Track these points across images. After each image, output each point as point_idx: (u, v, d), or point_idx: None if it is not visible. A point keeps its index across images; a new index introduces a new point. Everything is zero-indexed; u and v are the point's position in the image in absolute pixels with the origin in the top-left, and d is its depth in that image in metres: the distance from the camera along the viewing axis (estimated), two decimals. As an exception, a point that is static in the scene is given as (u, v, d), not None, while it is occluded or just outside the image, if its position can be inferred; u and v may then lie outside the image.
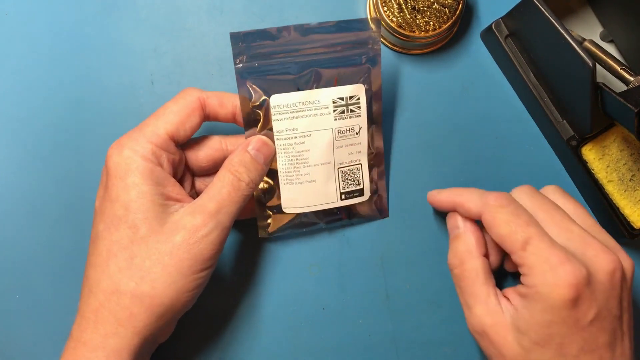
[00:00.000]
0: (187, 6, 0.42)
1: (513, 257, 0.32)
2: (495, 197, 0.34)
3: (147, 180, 0.32)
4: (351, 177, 0.38)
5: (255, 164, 0.35)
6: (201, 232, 0.32)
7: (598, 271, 0.31)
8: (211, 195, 0.33)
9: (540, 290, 0.31)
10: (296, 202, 0.38)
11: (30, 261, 0.40)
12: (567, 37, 0.34)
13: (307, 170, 0.37)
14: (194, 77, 0.42)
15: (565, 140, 0.39)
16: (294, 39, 0.35)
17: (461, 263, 0.35)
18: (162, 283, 0.32)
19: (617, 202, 0.39)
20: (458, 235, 0.36)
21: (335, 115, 0.37)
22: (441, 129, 0.42)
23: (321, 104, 0.36)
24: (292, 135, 0.37)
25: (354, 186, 0.39)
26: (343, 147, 0.38)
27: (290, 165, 0.37)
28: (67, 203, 0.41)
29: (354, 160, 0.38)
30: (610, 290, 0.31)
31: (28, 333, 0.40)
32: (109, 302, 0.32)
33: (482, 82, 0.42)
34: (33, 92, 0.41)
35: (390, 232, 0.41)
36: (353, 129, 0.37)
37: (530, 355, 0.31)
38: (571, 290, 0.30)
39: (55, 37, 0.41)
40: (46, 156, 0.41)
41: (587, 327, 0.31)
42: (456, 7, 0.39)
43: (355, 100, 0.37)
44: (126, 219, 0.32)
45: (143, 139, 0.33)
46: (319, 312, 0.41)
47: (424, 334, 0.41)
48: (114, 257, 0.32)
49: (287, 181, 0.37)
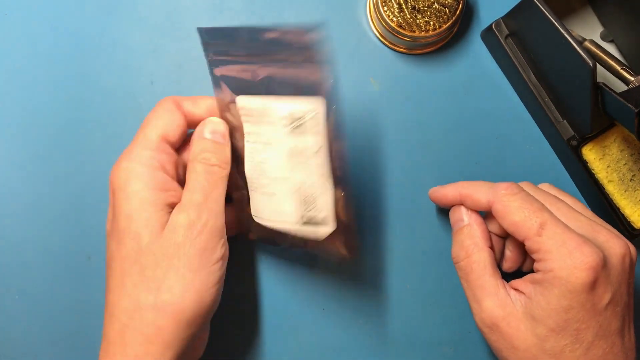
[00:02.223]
0: (187, 6, 0.42)
1: (527, 243, 0.32)
2: (505, 186, 0.34)
3: (148, 186, 0.32)
4: (312, 201, 0.33)
5: (215, 145, 0.34)
6: (199, 224, 0.32)
7: (612, 255, 0.31)
8: (192, 188, 0.33)
9: (558, 274, 0.30)
10: (260, 212, 0.36)
11: (30, 261, 0.40)
12: (568, 37, 0.34)
13: (268, 181, 0.34)
14: (193, 77, 0.42)
15: (566, 140, 0.39)
16: (255, 41, 0.32)
17: (467, 255, 0.34)
18: (179, 287, 0.31)
19: (618, 202, 0.39)
20: (463, 228, 0.35)
21: (291, 129, 0.33)
22: (441, 129, 0.42)
23: (277, 115, 0.33)
24: (257, 140, 0.34)
25: (315, 212, 0.34)
26: (303, 164, 0.33)
27: (253, 172, 0.35)
28: (67, 203, 0.41)
29: (316, 183, 0.33)
30: (622, 275, 0.32)
31: (28, 333, 0.40)
32: (133, 320, 0.31)
33: (482, 82, 0.42)
34: (33, 92, 0.41)
35: (390, 232, 0.41)
36: (312, 147, 0.33)
37: (546, 343, 0.31)
38: (590, 272, 0.30)
39: (55, 37, 0.41)
40: (46, 156, 0.41)
41: (602, 311, 0.31)
42: (456, 7, 0.39)
43: (314, 115, 0.32)
44: (129, 230, 0.32)
45: (137, 149, 0.33)
46: (319, 312, 0.41)
47: (424, 334, 0.41)
48: (127, 274, 0.31)
49: (252, 188, 0.35)
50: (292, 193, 0.34)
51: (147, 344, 0.30)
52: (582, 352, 0.31)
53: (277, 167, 0.34)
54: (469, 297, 0.34)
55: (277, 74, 0.32)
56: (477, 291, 0.34)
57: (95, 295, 0.40)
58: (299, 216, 0.34)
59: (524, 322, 0.32)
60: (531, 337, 0.31)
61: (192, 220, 0.32)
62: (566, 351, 0.31)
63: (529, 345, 0.31)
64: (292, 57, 0.31)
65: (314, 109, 0.32)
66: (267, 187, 0.34)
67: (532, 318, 0.31)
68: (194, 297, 0.31)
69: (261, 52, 0.32)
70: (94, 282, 0.40)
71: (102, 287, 0.40)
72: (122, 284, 0.31)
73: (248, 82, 0.33)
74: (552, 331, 0.31)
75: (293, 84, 0.32)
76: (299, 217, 0.34)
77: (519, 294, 0.33)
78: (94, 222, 0.40)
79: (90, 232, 0.40)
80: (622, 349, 0.32)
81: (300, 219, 0.34)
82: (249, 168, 0.35)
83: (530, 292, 0.32)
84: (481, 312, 0.33)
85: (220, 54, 0.34)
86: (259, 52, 0.32)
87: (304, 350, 0.41)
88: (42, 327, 0.40)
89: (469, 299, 0.34)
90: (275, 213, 0.35)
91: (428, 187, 0.39)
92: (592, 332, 0.31)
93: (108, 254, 0.33)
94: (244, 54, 0.33)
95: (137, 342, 0.31)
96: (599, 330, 0.31)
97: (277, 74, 0.32)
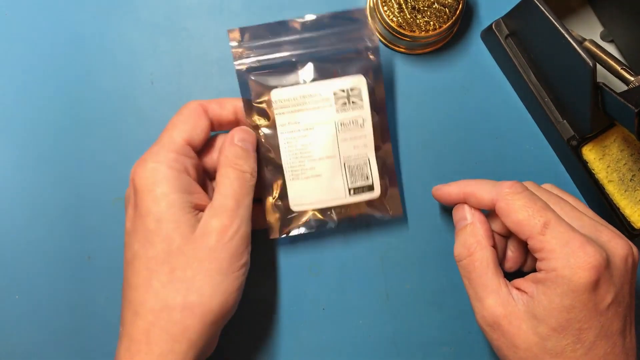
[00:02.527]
0: (187, 6, 0.42)
1: (531, 242, 0.32)
2: (509, 185, 0.34)
3: (175, 188, 0.33)
4: (359, 172, 0.37)
5: (246, 153, 0.35)
6: (231, 229, 0.33)
7: (614, 255, 0.31)
8: (224, 193, 0.34)
9: (561, 273, 0.30)
10: (304, 198, 0.38)
11: (30, 261, 0.40)
12: (568, 37, 0.34)
13: (312, 164, 0.37)
14: (194, 77, 0.42)
15: (566, 140, 0.39)
16: (291, 33, 0.36)
17: (470, 254, 0.34)
18: (208, 289, 0.32)
19: (618, 202, 0.39)
20: (466, 226, 0.35)
21: (337, 107, 0.37)
22: (441, 128, 0.42)
23: (322, 96, 0.37)
24: (295, 129, 0.37)
25: (363, 181, 0.38)
26: (348, 140, 0.37)
27: (294, 159, 0.37)
28: (67, 203, 0.41)
29: (361, 154, 0.37)
30: (624, 275, 0.32)
31: (28, 333, 0.40)
32: (160, 320, 0.31)
33: (482, 82, 0.42)
34: (33, 92, 0.41)
35: (390, 232, 0.41)
36: (356, 121, 0.37)
37: (547, 343, 0.31)
38: (593, 272, 0.30)
39: (55, 37, 0.41)
40: (46, 156, 0.41)
41: (604, 311, 0.31)
42: (456, 7, 0.39)
43: (357, 92, 0.37)
44: (159, 232, 0.32)
45: (163, 150, 0.34)
46: (319, 312, 0.41)
47: (424, 334, 0.41)
48: (155, 273, 0.32)
49: (292, 176, 0.37)
50: (339, 169, 0.37)
51: (172, 342, 0.31)
52: (583, 352, 0.31)
53: (322, 147, 0.37)
54: (471, 296, 0.34)
55: (317, 59, 0.36)
56: (479, 289, 0.33)
57: (95, 295, 0.40)
58: (348, 189, 0.38)
59: (526, 321, 0.32)
60: (532, 336, 0.31)
61: (224, 225, 0.33)
62: (567, 351, 0.31)
63: (530, 344, 0.31)
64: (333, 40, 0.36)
65: (357, 85, 0.37)
66: (313, 170, 0.37)
67: (534, 317, 0.31)
68: (220, 299, 0.32)
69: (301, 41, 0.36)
70: (94, 282, 0.40)
71: (102, 287, 0.41)
72: (149, 283, 0.32)
73: (284, 75, 0.36)
74: (554, 330, 0.31)
75: (334, 65, 0.36)
76: (348, 190, 0.38)
77: (521, 293, 0.33)
78: (94, 222, 0.40)
79: (90, 232, 0.40)
80: (623, 349, 0.32)
81: (349, 191, 0.38)
82: (287, 158, 0.37)
83: (532, 291, 0.32)
84: (483, 310, 0.33)
85: (253, 54, 0.36)
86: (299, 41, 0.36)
87: (304, 350, 0.41)
88: (42, 327, 0.40)
89: (470, 297, 0.34)
90: (323, 193, 0.38)
91: (428, 186, 0.39)
92: (593, 332, 0.31)
93: (129, 253, 0.33)
94: (282, 46, 0.36)
95: (163, 341, 0.31)
96: (600, 330, 0.31)
97: (317, 59, 0.36)
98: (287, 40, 0.36)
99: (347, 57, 0.37)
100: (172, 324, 0.31)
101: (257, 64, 0.36)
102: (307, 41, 0.36)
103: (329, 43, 0.36)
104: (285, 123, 0.37)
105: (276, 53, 0.36)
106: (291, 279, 0.41)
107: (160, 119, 0.41)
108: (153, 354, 0.31)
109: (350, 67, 0.37)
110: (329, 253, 0.41)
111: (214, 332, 0.33)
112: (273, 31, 0.36)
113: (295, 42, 0.36)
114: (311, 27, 0.36)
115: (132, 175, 0.34)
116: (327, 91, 0.37)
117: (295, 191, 0.38)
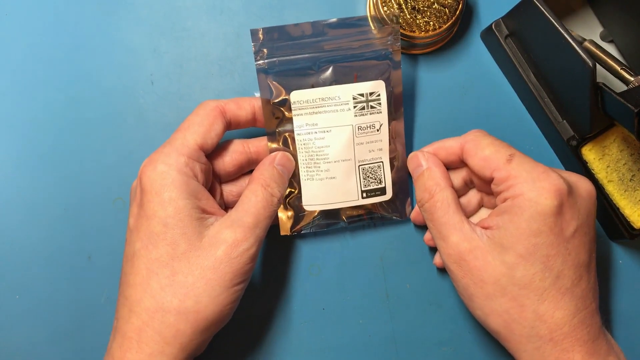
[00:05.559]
0: (187, 6, 0.42)
1: (497, 174, 0.33)
2: (475, 130, 0.36)
3: (183, 194, 0.33)
4: (372, 175, 0.38)
5: (282, 179, 0.36)
6: (243, 246, 0.33)
7: (579, 188, 0.33)
8: (247, 209, 0.34)
9: (527, 196, 0.31)
10: (317, 198, 0.38)
11: (30, 261, 0.40)
12: (567, 37, 0.34)
13: (327, 166, 0.37)
14: (193, 77, 0.42)
15: (565, 140, 0.39)
16: (313, 35, 0.36)
17: (431, 196, 0.35)
18: (206, 297, 0.32)
19: (617, 202, 0.39)
20: (423, 172, 0.36)
21: (355, 111, 0.37)
22: (441, 129, 0.42)
23: (341, 100, 0.37)
24: (312, 131, 0.37)
25: (376, 184, 0.38)
26: (364, 144, 0.38)
27: (310, 160, 0.37)
28: (67, 203, 0.41)
29: (375, 158, 0.38)
30: (589, 207, 0.33)
31: (28, 333, 0.40)
32: (153, 320, 0.31)
33: (482, 82, 0.42)
34: (33, 92, 0.41)
35: (390, 232, 0.41)
36: (374, 125, 0.37)
37: (515, 272, 0.31)
38: (556, 195, 0.31)
39: (55, 37, 0.41)
40: (46, 156, 0.41)
41: (570, 238, 0.31)
42: (456, 7, 0.39)
43: (376, 96, 0.37)
44: (164, 235, 0.32)
45: (175, 153, 0.33)
46: (319, 312, 0.41)
47: (424, 334, 0.41)
48: (154, 275, 0.32)
49: (307, 177, 0.38)
50: (354, 171, 0.38)
51: (164, 344, 0.31)
52: (551, 282, 0.31)
53: (339, 150, 0.37)
54: (435, 236, 0.35)
55: (338, 61, 0.37)
56: (442, 228, 0.34)
57: (95, 295, 0.40)
58: (360, 191, 0.38)
59: (491, 252, 0.32)
60: (500, 266, 0.31)
61: (237, 240, 0.33)
62: (536, 280, 0.31)
63: (497, 277, 0.31)
64: (353, 44, 0.36)
65: (376, 90, 0.37)
66: (328, 172, 0.38)
67: (501, 246, 0.32)
68: (216, 309, 0.32)
69: (321, 44, 0.36)
70: (94, 282, 0.40)
71: (102, 287, 0.41)
72: (148, 283, 0.32)
73: (305, 77, 0.37)
74: (522, 257, 0.31)
75: (355, 69, 0.37)
76: (360, 192, 0.38)
77: (484, 230, 0.33)
78: (94, 222, 0.41)
79: (90, 232, 0.40)
80: (588, 285, 0.32)
81: (362, 194, 0.38)
82: (303, 159, 0.37)
83: (497, 223, 0.32)
84: (447, 248, 0.33)
85: (275, 54, 0.36)
86: (320, 44, 0.36)
87: (304, 350, 0.41)
88: (42, 327, 0.40)
89: (435, 238, 0.35)
90: (336, 194, 0.38)
91: (428, 187, 0.39)
92: (560, 259, 0.31)
93: (130, 250, 0.33)
94: (303, 48, 0.36)
95: (154, 341, 0.31)
96: (567, 257, 0.31)
97: (338, 61, 0.37)
98: (308, 42, 0.36)
99: (367, 62, 0.37)
100: (165, 326, 0.31)
101: (277, 64, 0.36)
102: (328, 43, 0.36)
103: (350, 47, 0.36)
104: (303, 124, 0.37)
105: (297, 54, 0.36)
106: (291, 279, 0.41)
107: (160, 119, 0.41)
108: (143, 353, 0.31)
109: (371, 72, 0.37)
110: (329, 253, 0.41)
111: (206, 338, 0.33)
112: (295, 32, 0.36)
113: (317, 44, 0.36)
114: (333, 30, 0.36)
115: (140, 174, 0.33)
116: (346, 95, 0.37)
117: (308, 191, 0.38)
